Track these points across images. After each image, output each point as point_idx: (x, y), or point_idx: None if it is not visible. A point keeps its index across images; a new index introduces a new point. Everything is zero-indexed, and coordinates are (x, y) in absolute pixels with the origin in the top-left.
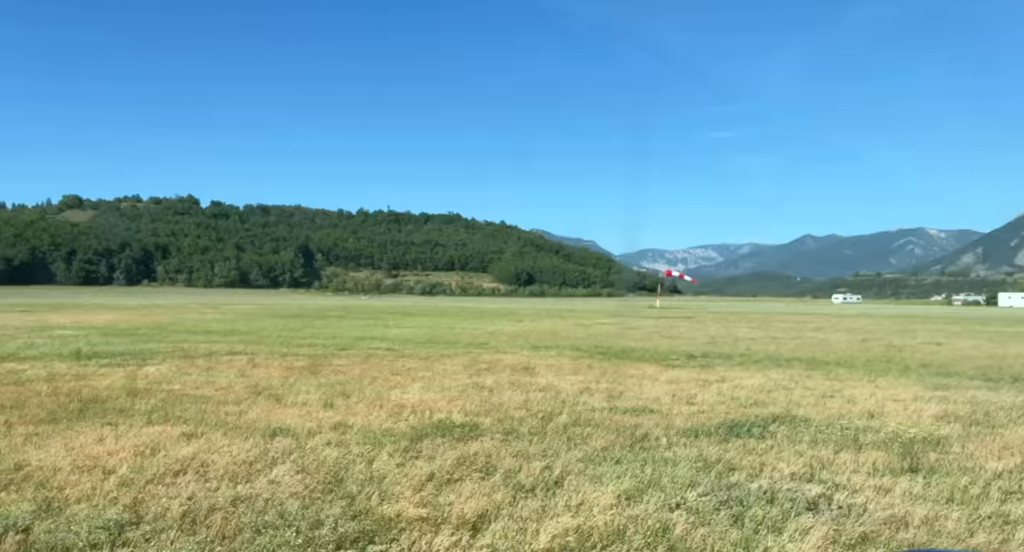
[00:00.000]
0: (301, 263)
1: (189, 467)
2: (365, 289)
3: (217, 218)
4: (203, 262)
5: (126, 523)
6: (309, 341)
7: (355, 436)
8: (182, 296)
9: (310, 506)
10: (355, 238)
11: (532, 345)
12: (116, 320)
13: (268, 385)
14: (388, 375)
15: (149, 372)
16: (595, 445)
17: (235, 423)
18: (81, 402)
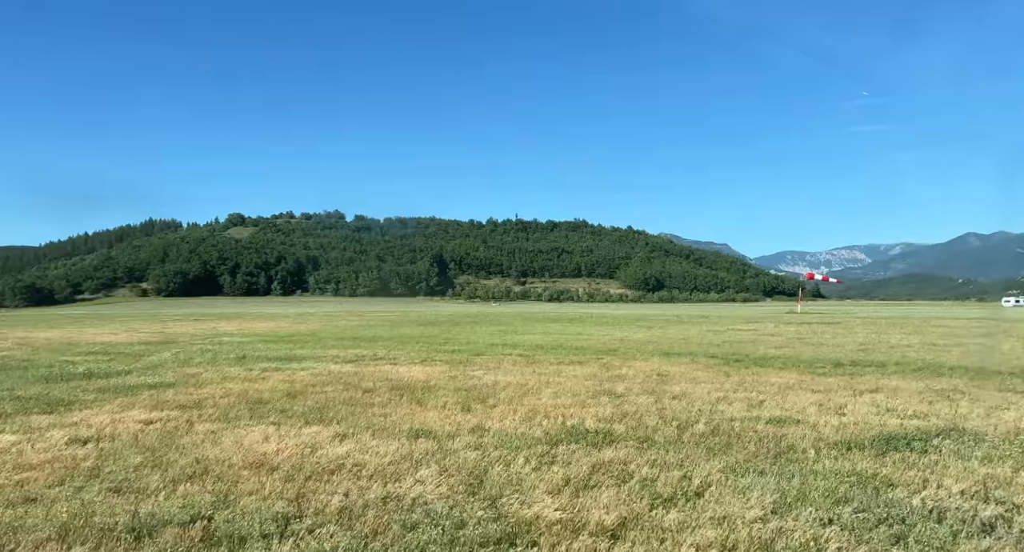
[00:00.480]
0: (436, 272)
1: (343, 466)
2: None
3: (360, 231)
4: (349, 272)
5: (291, 516)
6: (446, 347)
7: (492, 439)
8: (330, 305)
9: (454, 506)
10: (485, 247)
11: (663, 352)
12: (275, 328)
13: (410, 389)
14: (520, 380)
15: (304, 376)
16: (736, 456)
17: (381, 425)
18: (248, 403)
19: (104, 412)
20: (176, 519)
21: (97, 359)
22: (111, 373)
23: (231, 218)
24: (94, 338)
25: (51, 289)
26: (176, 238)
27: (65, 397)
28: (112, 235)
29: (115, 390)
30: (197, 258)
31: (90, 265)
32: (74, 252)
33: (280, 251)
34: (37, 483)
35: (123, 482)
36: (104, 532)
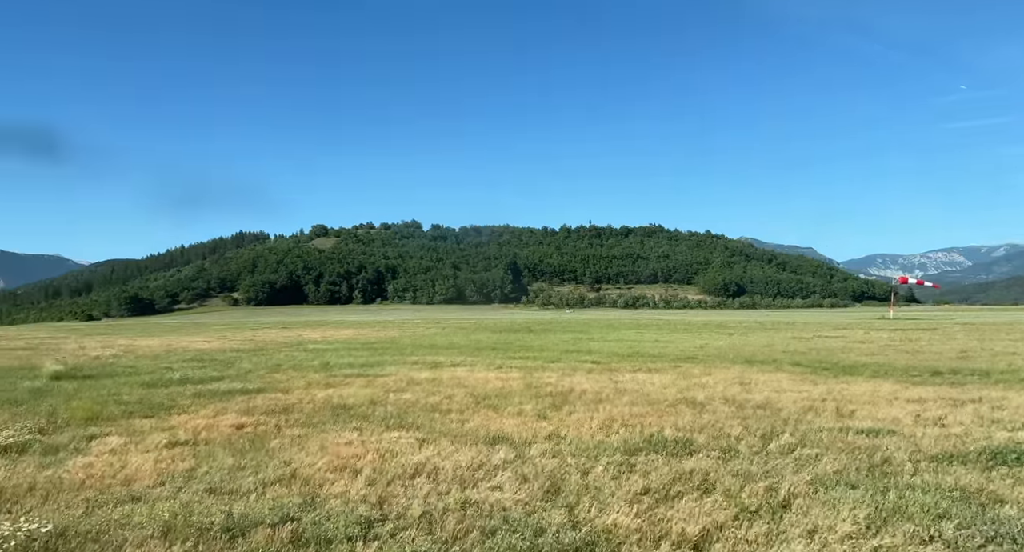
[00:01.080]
0: (510, 279)
1: (423, 470)
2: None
3: (436, 240)
4: (426, 281)
5: (374, 520)
6: (520, 354)
7: (569, 447)
8: (408, 312)
9: (532, 513)
10: (559, 254)
11: (746, 359)
12: (356, 335)
13: (486, 395)
14: (596, 388)
15: (384, 382)
16: (826, 467)
17: (459, 431)
18: (332, 408)
19: (200, 416)
20: (267, 520)
21: (192, 366)
22: (205, 379)
23: (315, 229)
24: (190, 346)
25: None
26: (264, 249)
27: (164, 402)
28: (206, 248)
29: (209, 395)
30: (284, 268)
31: (186, 276)
32: (172, 264)
33: (361, 261)
34: (141, 483)
35: (218, 483)
36: (201, 531)
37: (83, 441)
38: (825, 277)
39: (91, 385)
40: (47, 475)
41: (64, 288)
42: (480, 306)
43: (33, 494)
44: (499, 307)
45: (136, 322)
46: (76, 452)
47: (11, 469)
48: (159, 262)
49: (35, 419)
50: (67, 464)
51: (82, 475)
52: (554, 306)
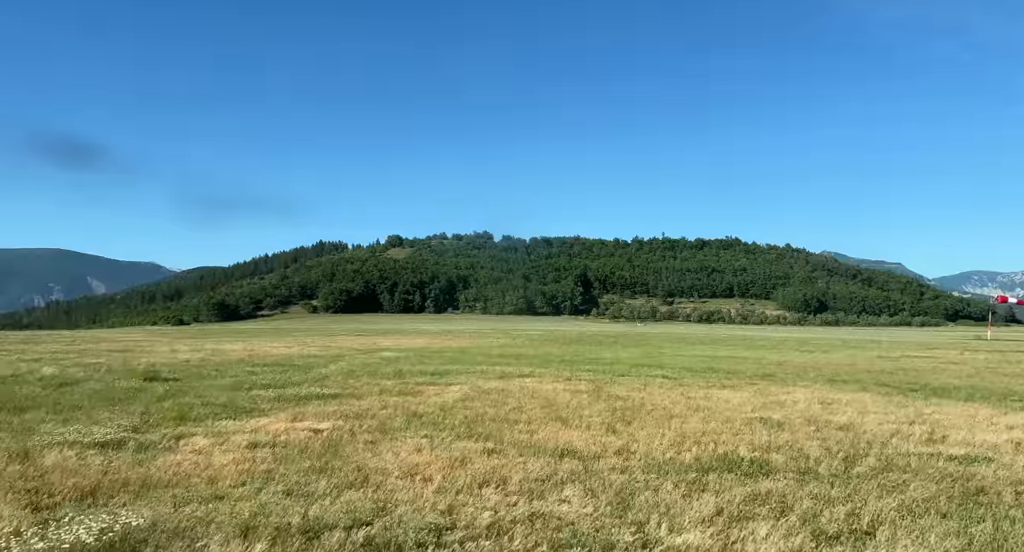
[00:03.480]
0: (580, 291)
1: (491, 481)
2: (640, 316)
3: (507, 251)
4: (496, 291)
5: (444, 528)
6: (590, 367)
7: (638, 463)
8: (478, 322)
9: (600, 529)
10: (630, 266)
11: (827, 379)
12: (428, 344)
13: (555, 407)
14: (667, 403)
15: (455, 391)
16: (913, 494)
17: (527, 442)
18: (404, 416)
19: (279, 420)
20: (341, 523)
21: (273, 370)
22: (285, 383)
23: (390, 239)
24: (271, 351)
25: (237, 305)
26: (342, 259)
27: (246, 405)
28: (288, 256)
29: (288, 400)
30: (360, 277)
31: (269, 284)
32: (256, 272)
33: (433, 270)
34: (223, 482)
35: (295, 486)
36: (279, 531)
37: (172, 440)
38: (915, 294)
39: (180, 387)
40: (139, 472)
41: (158, 294)
42: (549, 317)
43: (127, 489)
44: (568, 319)
45: (222, 327)
46: (166, 450)
47: (107, 464)
48: (244, 270)
49: (130, 418)
50: (157, 462)
51: (170, 473)
52: (625, 319)
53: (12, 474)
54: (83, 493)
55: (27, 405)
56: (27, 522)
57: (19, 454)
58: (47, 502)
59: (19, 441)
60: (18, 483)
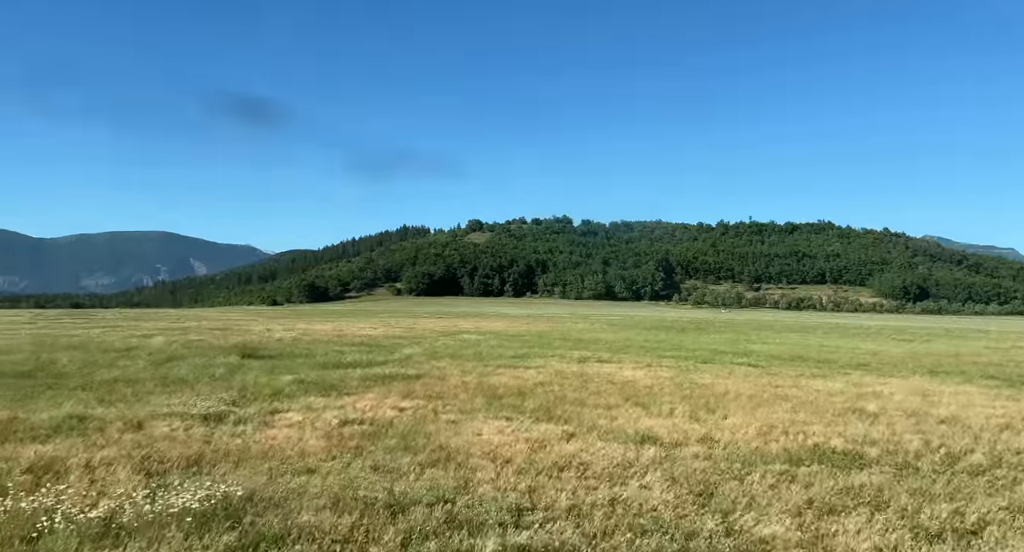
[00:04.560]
0: (661, 276)
1: (571, 464)
2: (725, 302)
3: (586, 235)
4: (575, 276)
5: (524, 508)
6: (671, 353)
7: (722, 451)
8: (557, 307)
9: (683, 516)
10: (714, 251)
11: (928, 369)
12: (507, 327)
13: (635, 393)
14: (753, 392)
15: (534, 374)
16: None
17: (607, 427)
18: (484, 397)
19: (366, 398)
20: (424, 500)
21: (360, 350)
22: (371, 363)
23: (471, 224)
24: (358, 332)
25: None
26: (425, 243)
27: (336, 383)
28: (374, 240)
29: (374, 379)
30: (442, 261)
31: (356, 267)
32: (344, 255)
33: (512, 255)
34: (315, 457)
35: (381, 461)
36: (367, 505)
37: (268, 415)
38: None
39: (275, 364)
40: (238, 444)
41: (254, 275)
42: (629, 303)
43: (227, 460)
44: (649, 304)
45: (312, 308)
46: (262, 424)
47: (210, 436)
48: (333, 253)
49: (229, 393)
50: (254, 435)
51: (266, 446)
52: (708, 305)
53: (128, 442)
54: (188, 461)
55: (138, 378)
56: (141, 486)
57: (133, 423)
58: (158, 468)
59: (133, 411)
60: (133, 450)
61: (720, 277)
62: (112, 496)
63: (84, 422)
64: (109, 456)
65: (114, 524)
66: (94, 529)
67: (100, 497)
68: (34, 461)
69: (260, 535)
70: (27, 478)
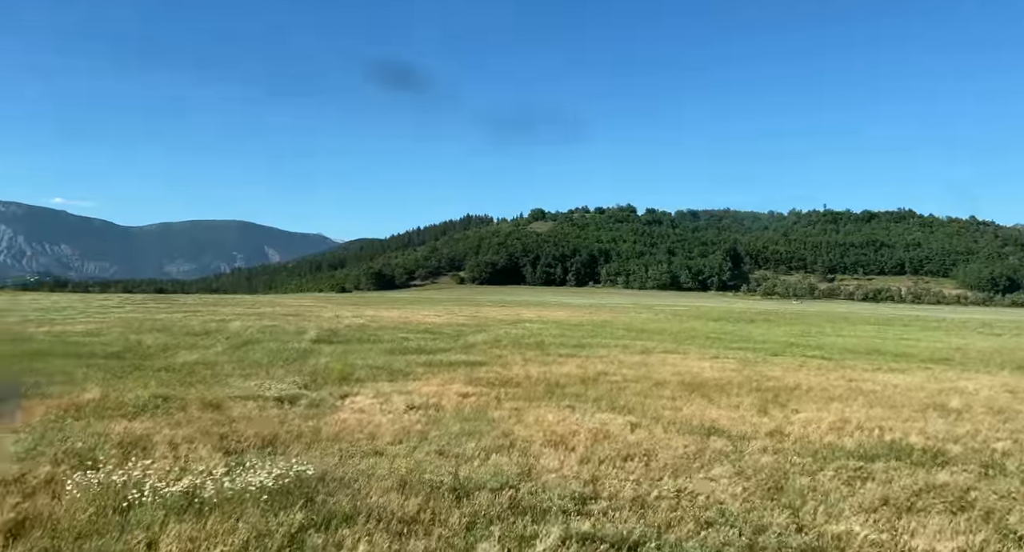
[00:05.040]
0: (729, 266)
1: (635, 454)
2: (796, 294)
3: (651, 225)
4: (638, 265)
5: (587, 497)
6: (738, 344)
7: (792, 446)
8: (620, 297)
9: (751, 510)
10: (786, 240)
11: (1017, 365)
12: (569, 316)
13: (701, 384)
14: (826, 386)
15: (596, 364)
16: None
17: (672, 418)
18: (547, 386)
19: (431, 384)
20: (488, 485)
21: (425, 337)
22: (436, 350)
23: (533, 213)
24: (423, 319)
25: (392, 275)
26: (488, 232)
27: (402, 368)
28: (438, 229)
29: (439, 365)
30: (504, 250)
31: (421, 255)
32: (409, 244)
33: (575, 244)
34: (383, 440)
35: (446, 446)
36: (432, 488)
37: (338, 398)
38: None
39: (344, 350)
40: (310, 425)
41: (324, 263)
42: (695, 293)
43: (300, 441)
44: (716, 295)
45: (379, 295)
46: (332, 407)
47: (283, 418)
48: (399, 242)
49: (301, 376)
50: (325, 417)
51: (336, 428)
52: (778, 296)
53: (207, 420)
54: (264, 441)
55: (217, 360)
56: (220, 463)
57: (212, 404)
58: (235, 447)
59: (212, 392)
60: (213, 429)
61: (791, 267)
62: (194, 472)
63: (168, 401)
64: (190, 434)
65: (196, 498)
66: (178, 502)
67: (183, 472)
68: (123, 436)
69: (331, 513)
70: (117, 452)
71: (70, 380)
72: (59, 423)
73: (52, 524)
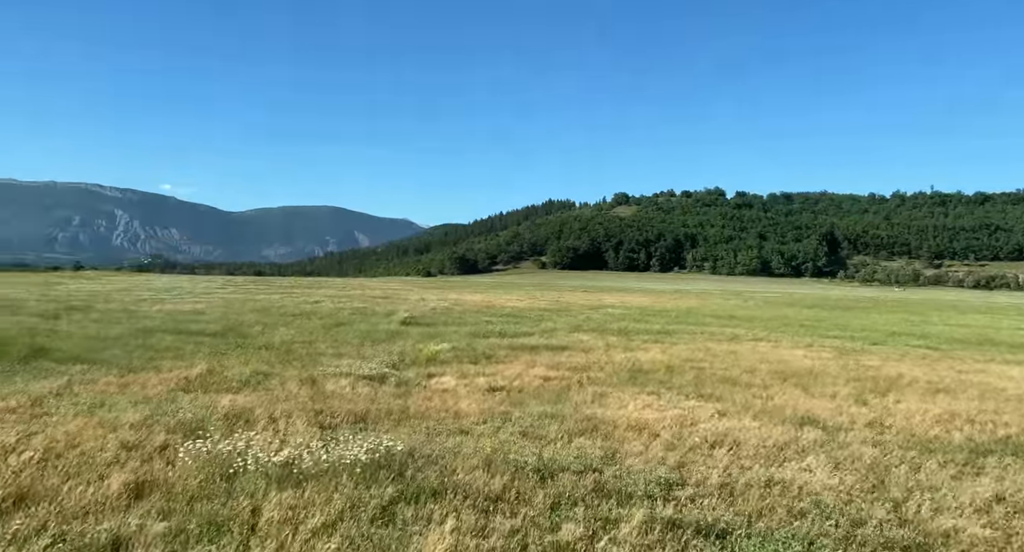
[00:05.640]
0: (825, 252)
1: (723, 442)
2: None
3: (741, 208)
4: (727, 251)
5: (673, 482)
6: (835, 333)
7: (895, 438)
8: (707, 283)
9: (849, 502)
10: (888, 224)
11: None
12: (653, 302)
13: (793, 373)
14: (932, 377)
15: (681, 351)
16: None
17: (762, 407)
18: (629, 371)
19: (514, 366)
20: (572, 467)
21: (507, 321)
22: (518, 333)
23: (616, 197)
24: (505, 303)
25: (475, 260)
26: (570, 217)
27: (485, 351)
28: (520, 214)
29: (521, 348)
30: (586, 235)
31: (503, 240)
32: (492, 229)
33: (660, 229)
34: (468, 419)
35: (528, 428)
36: (517, 468)
37: (424, 378)
38: None
39: (430, 332)
40: (399, 403)
41: (410, 248)
42: (787, 280)
43: (389, 418)
44: (810, 281)
45: (462, 279)
46: (419, 387)
47: (374, 395)
48: (482, 227)
49: (390, 356)
50: (413, 396)
51: (423, 407)
52: (879, 283)
53: (304, 396)
54: (356, 417)
55: (311, 339)
56: (316, 437)
57: (308, 381)
58: (330, 422)
59: (307, 370)
60: (309, 404)
61: (894, 253)
62: (292, 444)
63: (267, 378)
64: (288, 409)
65: (295, 469)
66: (279, 472)
67: (282, 444)
68: (228, 409)
69: (420, 488)
70: (223, 423)
71: (179, 355)
72: (171, 395)
73: (167, 487)
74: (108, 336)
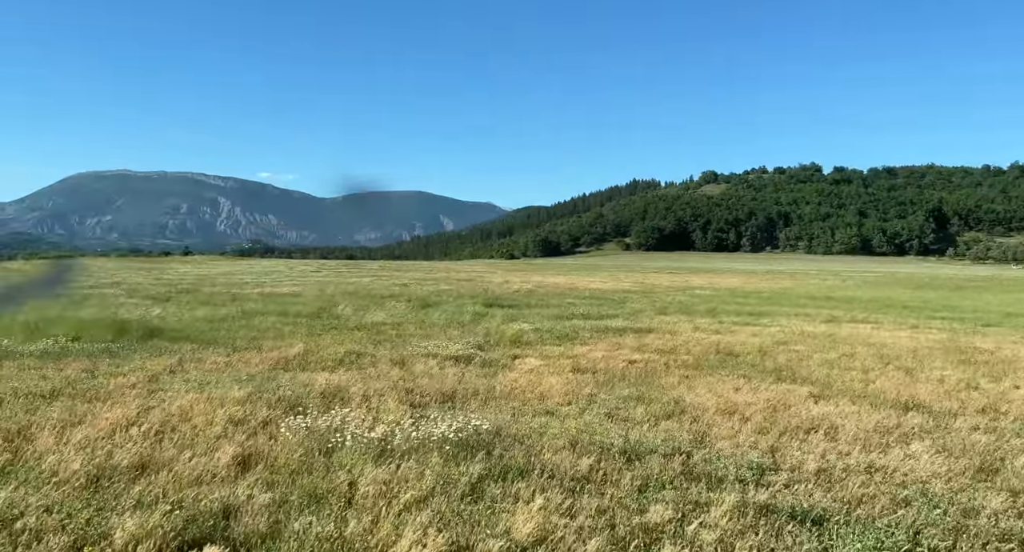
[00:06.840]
0: (932, 228)
1: (818, 427)
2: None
3: (839, 184)
4: (823, 229)
5: (766, 467)
6: (943, 314)
7: (1011, 425)
8: (802, 262)
9: (959, 491)
10: (1004, 198)
11: None
12: (743, 283)
13: (896, 356)
14: None
15: (774, 333)
16: None
17: (862, 391)
18: (719, 354)
19: (598, 349)
20: (659, 450)
21: (590, 303)
22: (601, 316)
23: (704, 176)
24: (588, 285)
25: (558, 242)
26: (655, 197)
27: (568, 332)
28: (603, 195)
29: (604, 331)
30: (672, 215)
31: (586, 222)
32: (575, 211)
33: (751, 207)
34: (553, 400)
35: (614, 410)
36: (603, 449)
37: (509, 359)
38: None
39: (514, 313)
40: (484, 383)
41: (493, 231)
42: (890, 258)
43: (476, 398)
44: (915, 260)
45: (545, 261)
46: (504, 367)
47: (460, 375)
48: (564, 209)
49: (475, 337)
50: (498, 377)
51: (509, 387)
52: (993, 260)
53: (395, 376)
54: (444, 397)
55: (400, 321)
56: (407, 415)
57: (398, 361)
58: (419, 401)
59: (397, 350)
60: (400, 384)
61: (1011, 228)
62: (385, 422)
63: (360, 358)
64: (380, 388)
65: (388, 446)
66: (373, 448)
67: (376, 422)
68: (325, 387)
69: (507, 467)
70: (320, 401)
71: (279, 336)
72: (272, 373)
73: (271, 460)
74: (214, 318)
